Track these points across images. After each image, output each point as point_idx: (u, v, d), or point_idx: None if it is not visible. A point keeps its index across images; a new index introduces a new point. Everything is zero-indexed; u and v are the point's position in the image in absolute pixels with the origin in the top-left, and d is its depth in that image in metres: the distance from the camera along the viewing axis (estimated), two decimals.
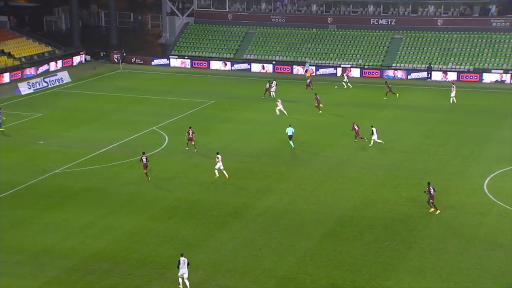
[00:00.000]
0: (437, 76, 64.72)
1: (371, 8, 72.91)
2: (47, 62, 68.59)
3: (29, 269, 27.78)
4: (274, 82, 57.40)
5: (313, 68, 66.86)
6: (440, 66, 66.19)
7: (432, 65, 65.75)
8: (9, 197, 35.40)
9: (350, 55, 69.60)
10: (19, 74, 64.66)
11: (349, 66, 67.21)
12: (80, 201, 35.02)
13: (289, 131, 42.85)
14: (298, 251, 29.26)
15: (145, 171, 37.50)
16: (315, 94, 52.96)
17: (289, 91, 59.39)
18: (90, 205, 34.41)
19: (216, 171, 37.52)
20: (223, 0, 76.92)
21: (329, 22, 73.19)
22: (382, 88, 58.91)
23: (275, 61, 69.80)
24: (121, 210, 33.82)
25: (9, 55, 67.55)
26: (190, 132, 42.13)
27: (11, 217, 32.85)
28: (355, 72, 66.35)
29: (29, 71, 65.66)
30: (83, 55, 73.33)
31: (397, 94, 56.45)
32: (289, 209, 33.78)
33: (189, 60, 71.51)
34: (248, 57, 71.95)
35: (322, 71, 66.74)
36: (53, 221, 32.38)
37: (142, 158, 37.51)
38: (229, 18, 76.32)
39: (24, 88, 59.58)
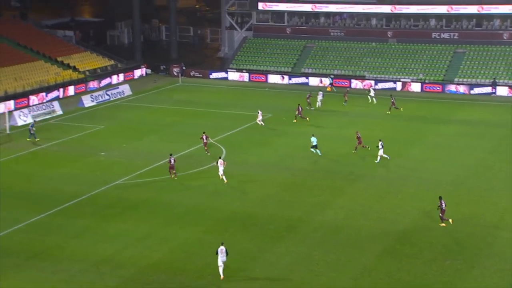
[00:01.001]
0: (502, 91, 62.76)
1: (432, 22, 71.64)
2: (110, 75, 70.40)
3: (91, 278, 28.35)
4: (321, 92, 57.83)
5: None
6: (506, 81, 64.21)
7: (497, 80, 63.86)
8: (72, 207, 36.33)
9: (410, 69, 68.45)
10: (83, 87, 66.62)
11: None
12: (139, 212, 35.60)
13: (314, 140, 43.57)
14: (356, 267, 28.78)
15: (173, 171, 39.66)
16: (298, 104, 53.77)
17: (348, 104, 58.87)
18: (148, 216, 34.93)
19: (221, 176, 38.91)
20: (282, 14, 77.29)
21: (389, 36, 72.32)
22: (444, 103, 57.63)
23: (333, 75, 69.37)
24: (178, 222, 34.16)
25: (74, 68, 69.78)
26: (204, 137, 44.53)
27: (74, 227, 33.70)
28: (415, 87, 65.21)
29: (93, 84, 67.58)
30: (144, 68, 74.92)
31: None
32: (346, 224, 33.32)
33: (247, 74, 71.98)
34: (306, 71, 71.82)
35: (381, 85, 65.87)
36: (113, 231, 33.01)
37: (170, 159, 39.50)
38: (288, 32, 76.52)
39: (87, 101, 61.35)
